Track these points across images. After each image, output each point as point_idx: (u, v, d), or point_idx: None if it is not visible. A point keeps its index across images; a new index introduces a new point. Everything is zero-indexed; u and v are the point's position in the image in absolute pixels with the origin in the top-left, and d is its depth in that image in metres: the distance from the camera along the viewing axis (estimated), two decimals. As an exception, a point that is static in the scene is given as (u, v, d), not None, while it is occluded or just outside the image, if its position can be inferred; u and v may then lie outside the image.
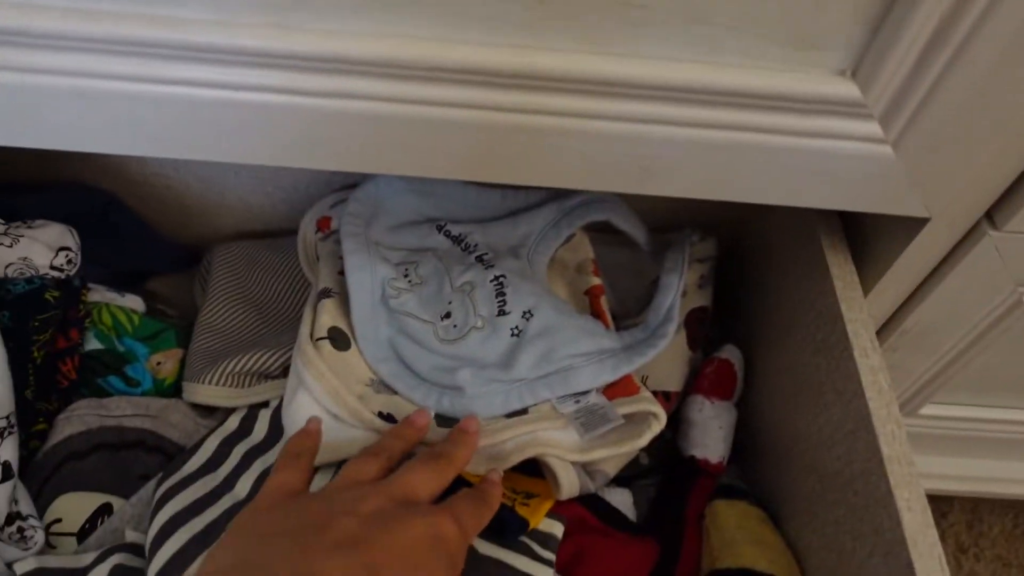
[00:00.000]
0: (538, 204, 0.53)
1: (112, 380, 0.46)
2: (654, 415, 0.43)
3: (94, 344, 0.46)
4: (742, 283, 0.57)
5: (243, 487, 0.42)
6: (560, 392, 0.43)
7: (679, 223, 0.56)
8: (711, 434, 0.48)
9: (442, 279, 0.47)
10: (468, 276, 0.47)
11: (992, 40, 0.30)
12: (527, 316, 0.45)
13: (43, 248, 0.45)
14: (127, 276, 0.54)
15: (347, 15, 0.31)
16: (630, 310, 0.53)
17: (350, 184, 0.53)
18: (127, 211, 0.53)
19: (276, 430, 0.45)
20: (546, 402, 0.44)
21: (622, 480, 0.48)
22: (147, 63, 0.32)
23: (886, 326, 0.48)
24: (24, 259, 0.44)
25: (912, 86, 0.32)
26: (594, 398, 0.44)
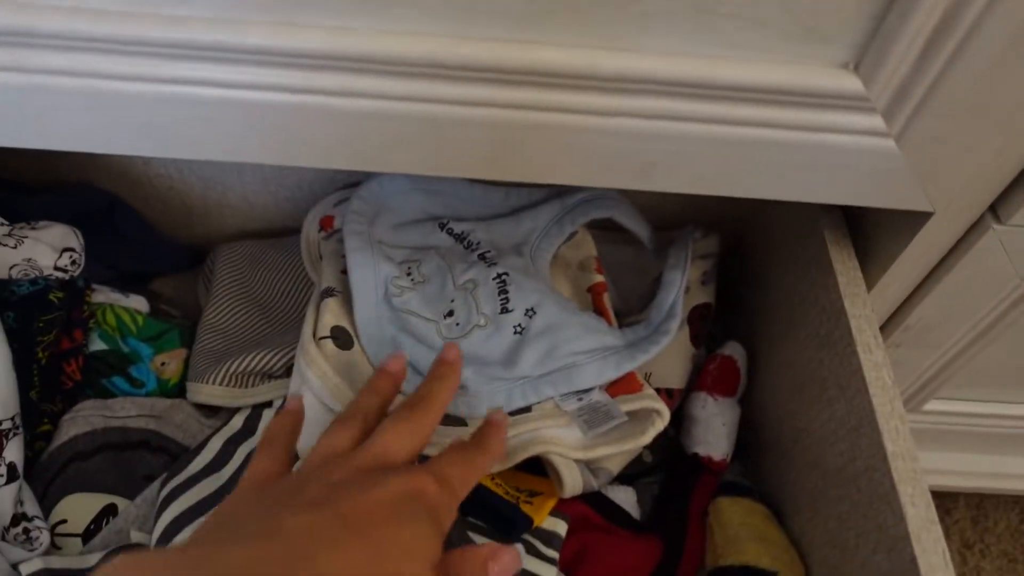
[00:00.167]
0: (541, 202, 0.53)
1: (116, 381, 0.46)
2: (657, 412, 0.43)
3: (98, 345, 0.46)
4: (745, 280, 0.57)
5: None
6: (563, 390, 0.43)
7: (682, 220, 0.56)
8: (714, 431, 0.48)
9: (445, 277, 0.47)
10: (471, 274, 0.47)
11: (996, 33, 0.30)
12: (530, 314, 0.45)
13: (47, 249, 0.45)
14: (131, 277, 0.55)
15: (353, 12, 0.31)
16: (633, 308, 0.53)
17: (353, 183, 0.53)
18: (131, 212, 0.53)
19: (280, 429, 0.45)
20: (549, 400, 0.44)
21: (625, 478, 0.48)
22: (153, 62, 0.32)
23: (890, 322, 0.48)
24: (28, 260, 0.44)
25: (915, 79, 0.32)
26: (597, 396, 0.44)
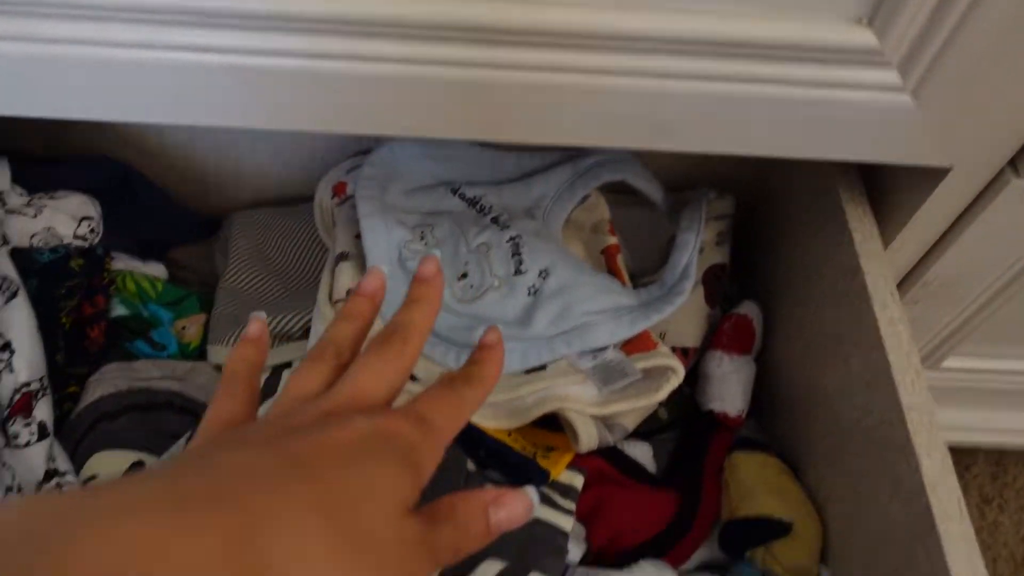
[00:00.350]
0: (552, 165, 0.53)
1: (139, 344, 0.47)
2: (672, 369, 0.43)
3: (120, 310, 0.47)
4: (760, 240, 0.56)
5: None
6: (578, 348, 0.44)
7: (696, 182, 0.55)
8: (729, 388, 0.49)
9: (458, 241, 0.47)
10: (484, 237, 0.47)
11: (1014, -20, 0.29)
12: (543, 275, 0.45)
13: (66, 218, 0.46)
14: (148, 246, 0.55)
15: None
16: (647, 270, 0.53)
17: (365, 150, 0.53)
18: (146, 182, 0.54)
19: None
20: (564, 359, 0.44)
21: (642, 435, 0.49)
22: (160, 30, 0.32)
23: (907, 279, 0.47)
24: (48, 229, 0.45)
25: (930, 33, 0.31)
26: (611, 354, 0.44)
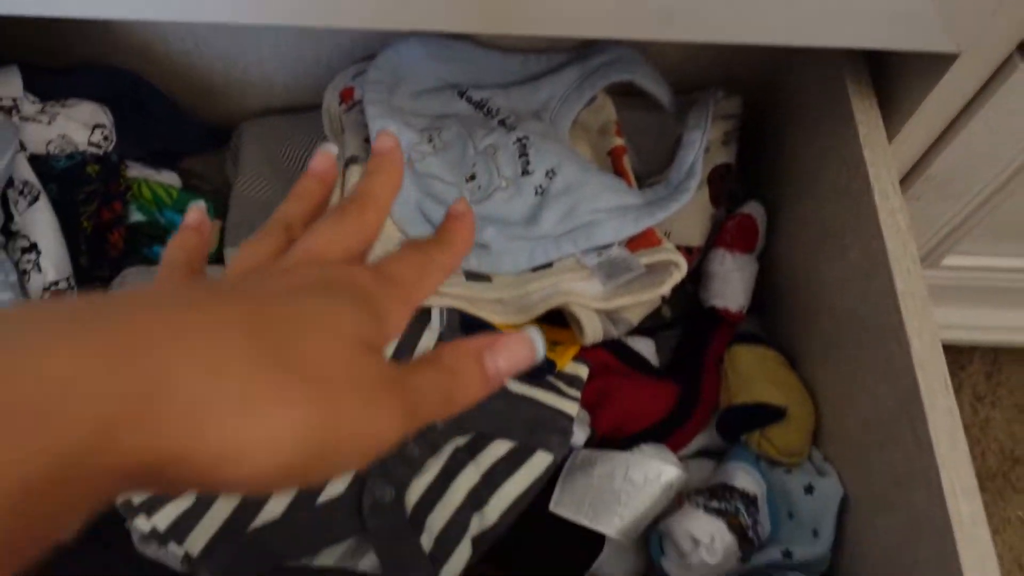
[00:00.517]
0: (559, 67, 0.52)
1: (157, 250, 0.49)
2: (675, 264, 0.44)
3: (137, 216, 0.49)
4: (767, 140, 0.57)
5: None
6: (583, 246, 0.45)
7: (704, 83, 0.55)
8: (732, 285, 0.50)
9: (465, 143, 0.48)
10: (491, 139, 0.48)
11: None
12: (550, 175, 0.46)
13: (79, 126, 0.47)
14: (159, 156, 0.56)
15: None
16: (654, 171, 0.53)
17: (371, 55, 0.53)
18: (154, 91, 0.54)
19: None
20: (570, 256, 0.45)
21: (646, 331, 0.51)
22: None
23: (911, 173, 0.48)
24: (63, 136, 0.46)
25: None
26: (616, 251, 0.45)
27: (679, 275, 0.44)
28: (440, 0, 0.36)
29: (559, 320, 0.47)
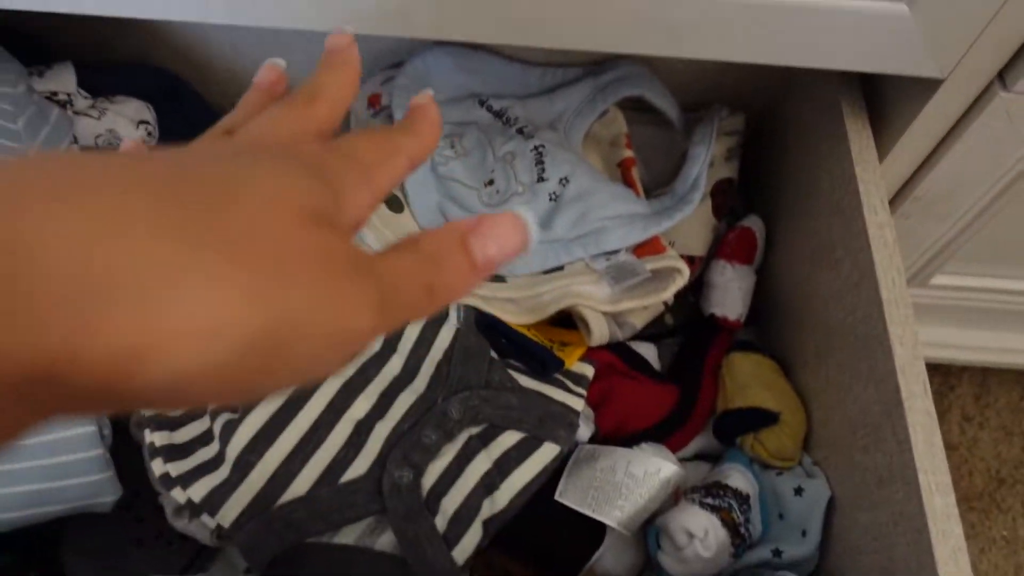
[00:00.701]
0: (574, 80, 0.56)
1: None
2: (678, 270, 0.47)
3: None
4: (767, 157, 0.60)
5: None
6: (593, 251, 0.48)
7: (709, 101, 0.58)
8: (731, 294, 0.53)
9: (485, 150, 0.51)
10: (509, 147, 0.51)
11: None
12: (564, 182, 0.49)
13: (126, 121, 0.50)
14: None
15: None
16: (660, 183, 0.56)
17: (398, 63, 0.56)
18: (193, 92, 0.57)
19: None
20: (580, 260, 0.48)
21: (648, 337, 0.53)
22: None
23: (900, 193, 0.51)
24: (111, 131, 0.49)
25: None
26: (624, 256, 0.48)
27: (682, 281, 0.47)
28: (466, 11, 0.39)
29: (568, 322, 0.50)
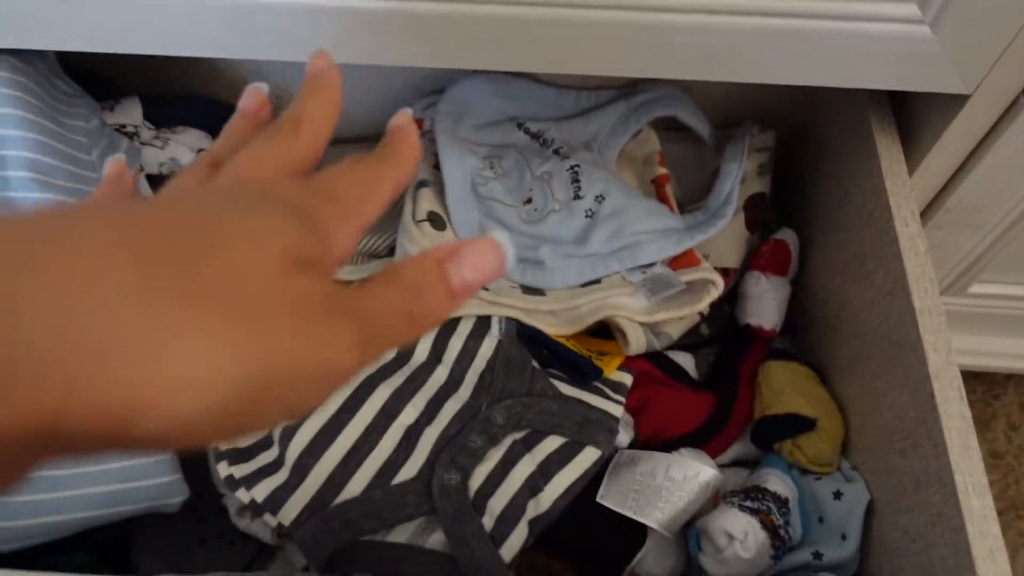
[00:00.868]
0: (608, 102, 0.58)
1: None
2: (712, 282, 0.49)
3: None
4: (799, 172, 0.61)
5: None
6: (628, 264, 0.50)
7: (740, 118, 0.60)
8: (766, 304, 0.54)
9: (523, 170, 0.53)
10: (546, 167, 0.53)
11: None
12: (599, 199, 0.51)
13: (187, 150, 0.53)
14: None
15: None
16: (693, 200, 0.58)
17: (438, 89, 0.59)
18: (246, 120, 0.61)
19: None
20: (616, 273, 0.50)
21: (685, 347, 0.55)
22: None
23: (931, 205, 0.52)
24: (173, 159, 0.52)
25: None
26: (659, 269, 0.50)
27: (716, 292, 0.49)
28: (504, 43, 0.41)
29: (606, 333, 0.51)
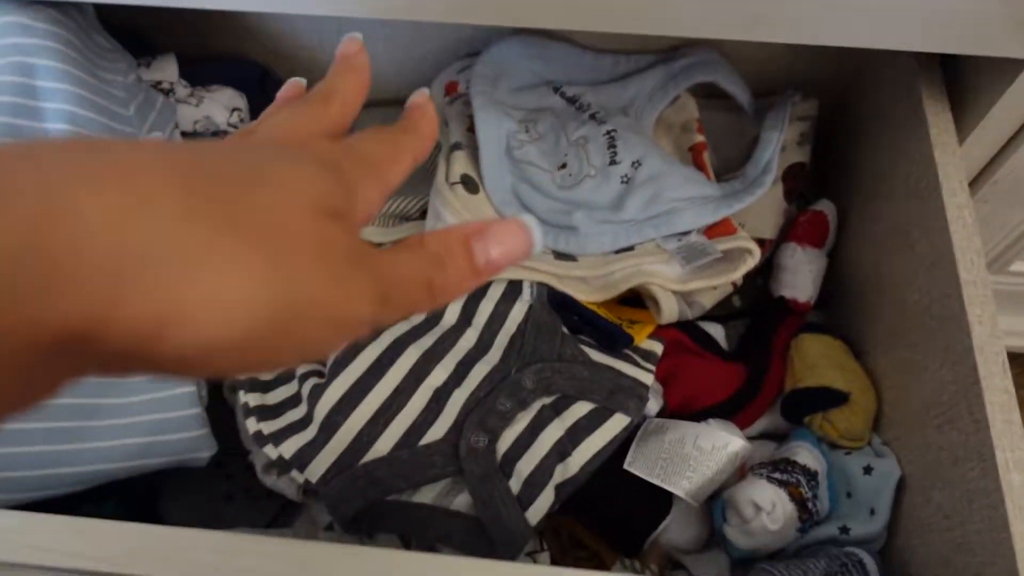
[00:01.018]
0: (647, 67, 0.57)
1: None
2: (749, 251, 0.48)
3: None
4: (841, 141, 0.59)
5: None
6: (664, 232, 0.49)
7: (781, 85, 0.58)
8: (801, 276, 0.53)
9: (559, 134, 0.52)
10: (582, 131, 0.52)
11: None
12: (636, 165, 0.50)
13: (220, 108, 0.53)
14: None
15: None
16: (731, 169, 0.57)
17: (473, 53, 0.59)
18: (280, 81, 0.60)
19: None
20: (651, 240, 0.49)
21: (716, 319, 0.54)
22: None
23: (979, 177, 0.50)
24: (207, 117, 0.53)
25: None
26: (695, 237, 0.49)
27: (752, 261, 0.48)
28: (542, 2, 0.40)
29: (637, 302, 0.51)
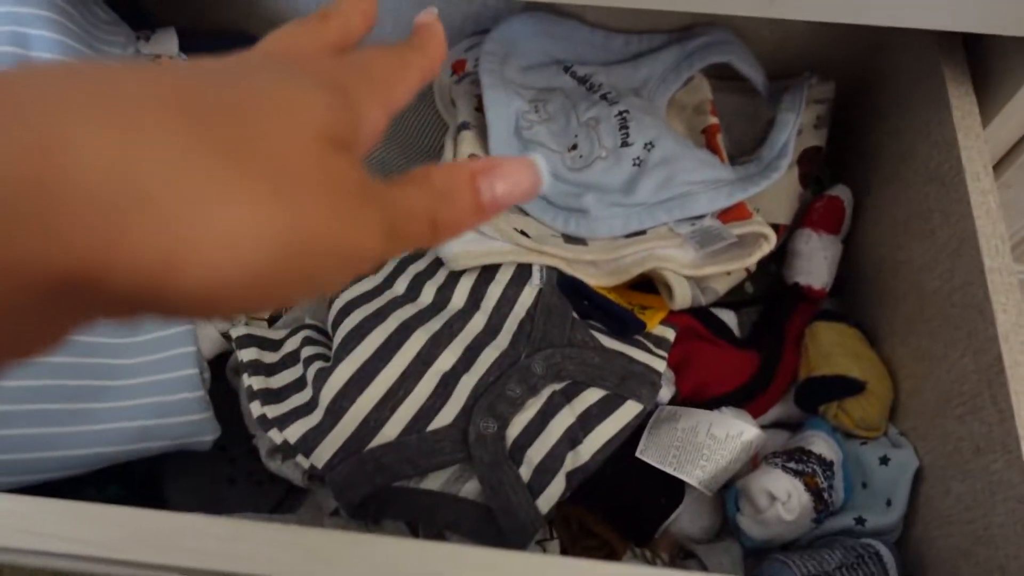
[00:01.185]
0: (660, 47, 0.55)
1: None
2: (765, 236, 0.47)
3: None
4: (858, 125, 0.58)
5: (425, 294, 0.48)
6: (677, 216, 0.48)
7: (797, 67, 0.57)
8: (816, 263, 0.52)
9: (569, 114, 0.51)
10: (593, 112, 0.51)
11: None
12: (648, 147, 0.49)
13: (223, 85, 0.52)
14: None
15: None
16: (745, 152, 0.56)
17: (481, 31, 0.57)
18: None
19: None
20: (663, 225, 0.48)
21: (728, 306, 0.53)
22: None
23: (1003, 161, 0.49)
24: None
25: None
26: (709, 221, 0.48)
27: (768, 247, 0.47)
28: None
29: (649, 287, 0.50)
